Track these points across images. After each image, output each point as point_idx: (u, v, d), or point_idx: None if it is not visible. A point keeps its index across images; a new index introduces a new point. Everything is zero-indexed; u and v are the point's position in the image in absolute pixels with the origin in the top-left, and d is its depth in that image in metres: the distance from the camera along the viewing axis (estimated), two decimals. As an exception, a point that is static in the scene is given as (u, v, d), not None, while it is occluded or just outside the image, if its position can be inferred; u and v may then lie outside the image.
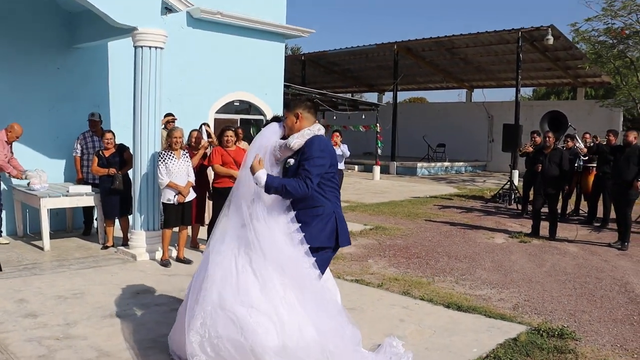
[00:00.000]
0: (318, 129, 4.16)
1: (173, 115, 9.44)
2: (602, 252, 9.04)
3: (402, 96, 41.78)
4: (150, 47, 7.53)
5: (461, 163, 26.56)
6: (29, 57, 8.90)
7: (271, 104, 12.40)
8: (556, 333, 5.18)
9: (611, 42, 18.01)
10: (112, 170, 8.07)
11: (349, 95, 32.36)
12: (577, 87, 27.78)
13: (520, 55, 19.92)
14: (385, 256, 8.44)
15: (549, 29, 18.92)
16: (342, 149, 11.02)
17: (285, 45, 12.87)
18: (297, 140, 4.05)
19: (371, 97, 38.66)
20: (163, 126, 8.80)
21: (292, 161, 4.08)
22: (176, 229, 7.60)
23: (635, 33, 17.02)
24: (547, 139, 10.26)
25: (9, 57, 8.71)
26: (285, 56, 12.97)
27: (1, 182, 8.40)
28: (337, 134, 11.24)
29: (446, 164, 25.88)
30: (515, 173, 16.94)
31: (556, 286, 7.00)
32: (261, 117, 12.48)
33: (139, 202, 7.74)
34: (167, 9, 7.74)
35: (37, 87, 9.00)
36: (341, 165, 11.15)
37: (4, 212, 8.49)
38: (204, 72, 10.99)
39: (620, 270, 7.88)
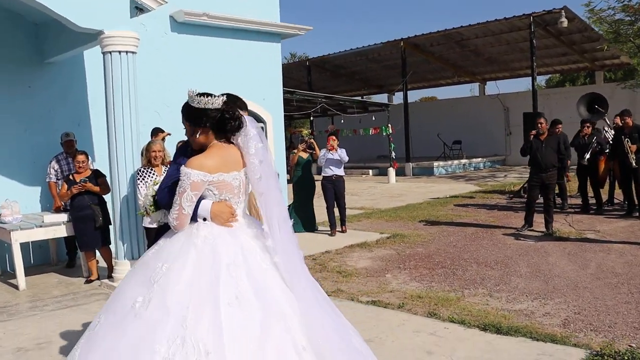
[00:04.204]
0: None
1: (163, 131, 8.46)
2: (651, 246, 7.98)
3: (414, 95, 40.78)
4: (120, 51, 6.62)
5: (479, 159, 25.42)
6: (-5, 76, 8.04)
7: (270, 109, 11.46)
8: (626, 358, 4.15)
9: (629, 19, 16.88)
10: (77, 188, 7.08)
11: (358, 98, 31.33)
12: (594, 72, 26.50)
13: (534, 41, 18.84)
14: (406, 268, 7.43)
15: (562, 10, 17.88)
16: (339, 154, 9.93)
17: (294, 54, 11.96)
18: None
19: (382, 98, 37.54)
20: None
21: None
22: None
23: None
24: (540, 125, 9.40)
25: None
26: (290, 63, 12.07)
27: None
28: (333, 137, 10.21)
29: (463, 161, 24.77)
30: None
31: (608, 292, 5.95)
32: (261, 124, 11.54)
33: (120, 229, 6.82)
34: (138, 9, 6.84)
35: (7, 108, 8.11)
36: (340, 171, 10.06)
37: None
38: (193, 79, 9.98)
39: (678, 267, 6.82)
